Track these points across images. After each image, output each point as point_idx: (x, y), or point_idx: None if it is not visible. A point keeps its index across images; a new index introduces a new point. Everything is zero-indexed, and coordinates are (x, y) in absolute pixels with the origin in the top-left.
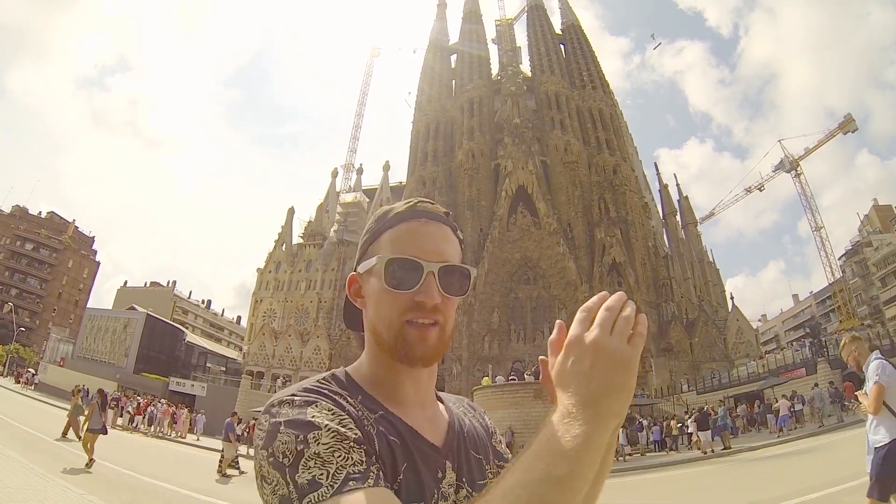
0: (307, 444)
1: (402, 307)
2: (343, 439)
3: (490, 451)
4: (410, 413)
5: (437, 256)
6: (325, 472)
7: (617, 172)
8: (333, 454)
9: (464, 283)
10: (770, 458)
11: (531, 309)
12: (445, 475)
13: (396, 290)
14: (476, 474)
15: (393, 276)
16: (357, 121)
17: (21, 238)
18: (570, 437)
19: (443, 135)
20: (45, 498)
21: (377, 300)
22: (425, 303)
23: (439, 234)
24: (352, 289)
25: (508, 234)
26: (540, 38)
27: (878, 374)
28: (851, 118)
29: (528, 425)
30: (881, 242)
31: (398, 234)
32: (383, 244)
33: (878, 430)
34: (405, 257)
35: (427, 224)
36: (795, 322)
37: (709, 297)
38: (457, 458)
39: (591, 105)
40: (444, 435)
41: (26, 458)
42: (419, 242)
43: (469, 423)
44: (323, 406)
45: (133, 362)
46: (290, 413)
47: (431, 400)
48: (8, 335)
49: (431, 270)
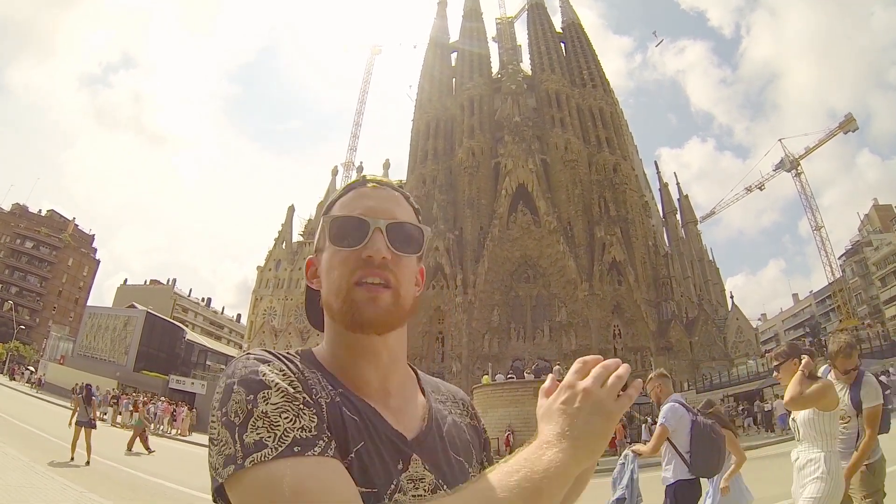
0: (256, 404)
1: (350, 267)
2: (292, 399)
3: (474, 456)
4: (372, 398)
5: (384, 214)
6: (272, 435)
7: (617, 171)
8: (281, 415)
9: (415, 240)
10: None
11: (531, 307)
12: (408, 468)
13: (342, 248)
14: (456, 476)
15: (338, 233)
16: (357, 118)
17: (21, 236)
18: (545, 461)
19: (443, 133)
20: (45, 495)
21: (327, 269)
22: (373, 258)
23: (389, 197)
24: (309, 272)
25: (508, 233)
26: (540, 36)
27: (666, 418)
28: (852, 117)
29: (528, 423)
30: (881, 242)
31: (345, 200)
32: (334, 211)
33: (667, 468)
34: (349, 215)
35: (376, 189)
36: (795, 321)
37: (709, 296)
38: (431, 456)
39: (592, 103)
40: (415, 428)
41: (26, 455)
42: (365, 203)
43: (451, 422)
44: (275, 366)
45: (133, 360)
46: (243, 371)
47: (399, 389)
48: (8, 333)
49: (378, 227)
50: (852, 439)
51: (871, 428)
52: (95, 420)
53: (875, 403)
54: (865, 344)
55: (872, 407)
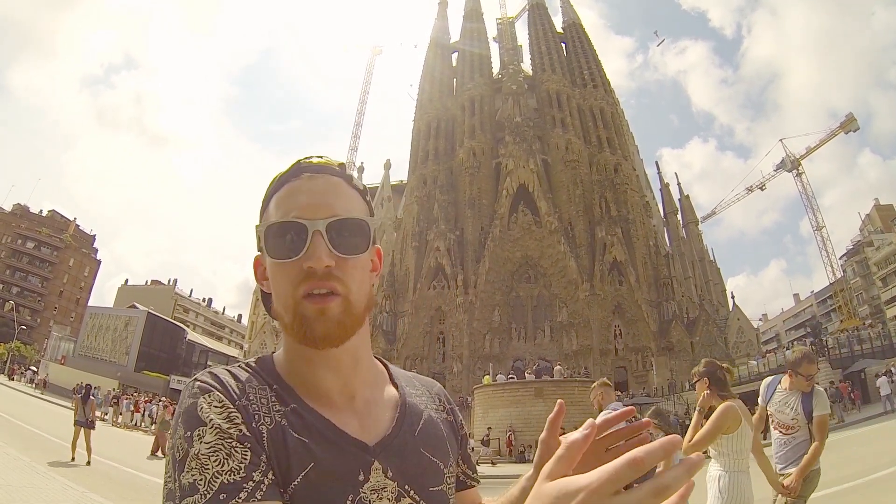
0: (191, 443)
1: (294, 279)
2: (226, 437)
3: (451, 454)
4: (334, 406)
5: (323, 212)
6: (203, 478)
7: (618, 171)
8: (211, 458)
9: (362, 238)
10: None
11: (532, 308)
12: (370, 477)
13: (281, 261)
14: (428, 479)
15: (276, 245)
16: (358, 119)
17: (22, 236)
18: None
19: (444, 133)
20: (47, 496)
21: (272, 276)
22: (314, 269)
23: (327, 188)
24: (258, 272)
25: (509, 233)
26: (541, 36)
27: None
28: (853, 117)
29: (529, 423)
30: (882, 242)
31: (280, 197)
32: (271, 212)
33: None
34: (283, 220)
35: (311, 179)
36: (796, 321)
37: (710, 296)
38: (397, 460)
39: (593, 104)
40: (382, 431)
41: (28, 455)
42: (301, 200)
43: (427, 418)
44: (214, 397)
45: (134, 360)
46: (186, 403)
47: (365, 388)
48: (9, 333)
49: (317, 229)
50: (801, 447)
51: (821, 435)
52: (94, 420)
53: (825, 412)
54: (867, 344)
55: (822, 415)
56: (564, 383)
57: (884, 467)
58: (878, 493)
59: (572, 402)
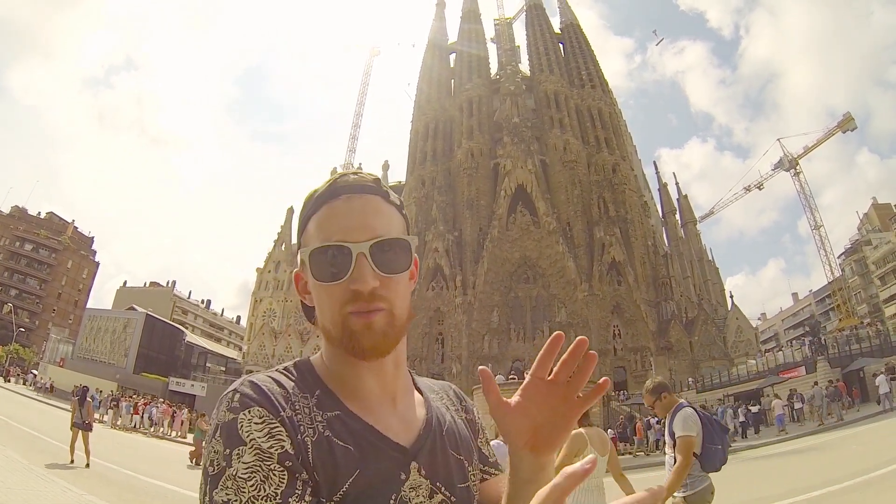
0: (229, 462)
1: (340, 300)
2: (265, 459)
3: (474, 451)
4: (376, 410)
5: (365, 234)
6: (238, 500)
7: (616, 171)
8: (248, 481)
9: (403, 256)
10: (768, 456)
11: (531, 308)
12: (409, 477)
13: (328, 283)
14: (456, 477)
15: (320, 268)
16: (356, 120)
17: (20, 239)
18: None
19: (442, 134)
20: (46, 498)
21: (316, 296)
22: (360, 291)
23: (367, 208)
24: (299, 286)
25: (508, 234)
26: (539, 37)
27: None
28: (850, 117)
29: None
30: (880, 241)
31: (321, 219)
32: (311, 233)
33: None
34: (328, 244)
35: (350, 200)
36: (795, 321)
37: (708, 296)
38: (429, 459)
39: (591, 104)
40: (416, 433)
41: (26, 458)
42: (342, 222)
43: (451, 419)
44: (255, 413)
45: (133, 362)
46: (227, 417)
47: (404, 393)
48: (7, 336)
49: (361, 252)
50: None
51: (682, 456)
52: (90, 423)
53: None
54: (865, 343)
55: (682, 437)
56: None
57: (883, 466)
58: (877, 492)
59: None
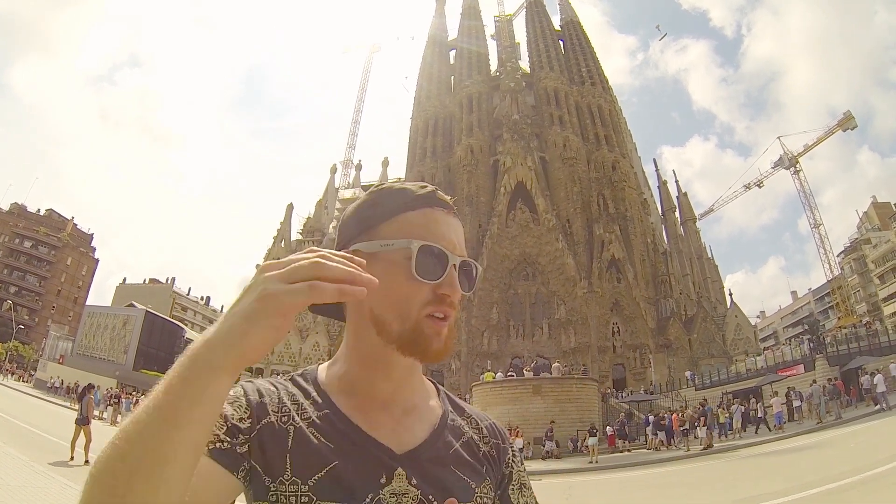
0: None
1: (423, 299)
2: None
3: (487, 479)
4: (371, 412)
5: (458, 250)
6: None
7: (616, 169)
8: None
9: (472, 279)
10: (767, 454)
11: (530, 305)
12: (391, 481)
13: (423, 280)
14: (454, 493)
15: (422, 264)
16: (356, 116)
17: (20, 235)
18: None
19: (441, 131)
20: (46, 495)
21: (393, 287)
22: (450, 297)
23: (457, 228)
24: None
25: (507, 231)
26: (539, 34)
27: None
28: (850, 115)
29: (527, 420)
30: (880, 240)
31: (423, 219)
32: (404, 226)
33: None
34: (438, 245)
35: (448, 214)
36: (794, 319)
37: (707, 294)
38: (423, 470)
39: (591, 101)
40: (414, 440)
41: (26, 454)
42: (443, 232)
43: (466, 442)
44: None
45: (132, 359)
46: None
47: (407, 398)
48: (7, 333)
49: (454, 263)
50: None
51: None
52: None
53: None
54: (864, 341)
55: None
56: (563, 381)
57: (882, 464)
58: (875, 490)
59: (570, 399)
